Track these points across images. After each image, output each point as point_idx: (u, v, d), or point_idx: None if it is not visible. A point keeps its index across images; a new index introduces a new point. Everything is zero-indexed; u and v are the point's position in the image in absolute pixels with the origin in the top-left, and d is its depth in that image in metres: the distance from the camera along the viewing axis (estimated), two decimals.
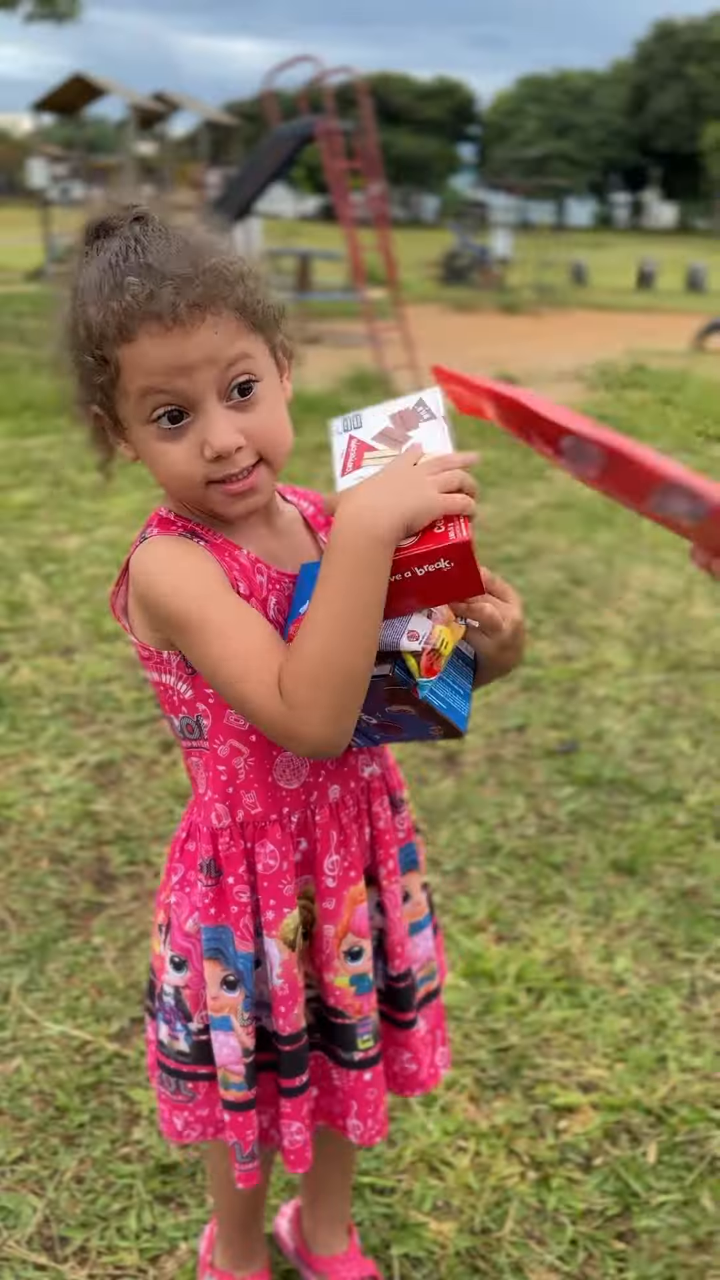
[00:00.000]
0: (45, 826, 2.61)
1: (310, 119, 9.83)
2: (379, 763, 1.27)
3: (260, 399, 1.08)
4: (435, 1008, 1.41)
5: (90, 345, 1.05)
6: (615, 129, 71.74)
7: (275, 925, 1.20)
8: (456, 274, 20.45)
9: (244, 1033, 1.23)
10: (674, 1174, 1.74)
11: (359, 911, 1.25)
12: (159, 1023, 1.31)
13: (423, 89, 78.25)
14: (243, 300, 1.05)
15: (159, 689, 1.19)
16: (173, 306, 1.01)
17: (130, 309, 1.01)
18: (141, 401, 1.05)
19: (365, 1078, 1.30)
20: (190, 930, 1.24)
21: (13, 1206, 1.66)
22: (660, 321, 14.96)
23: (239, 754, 1.16)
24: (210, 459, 1.05)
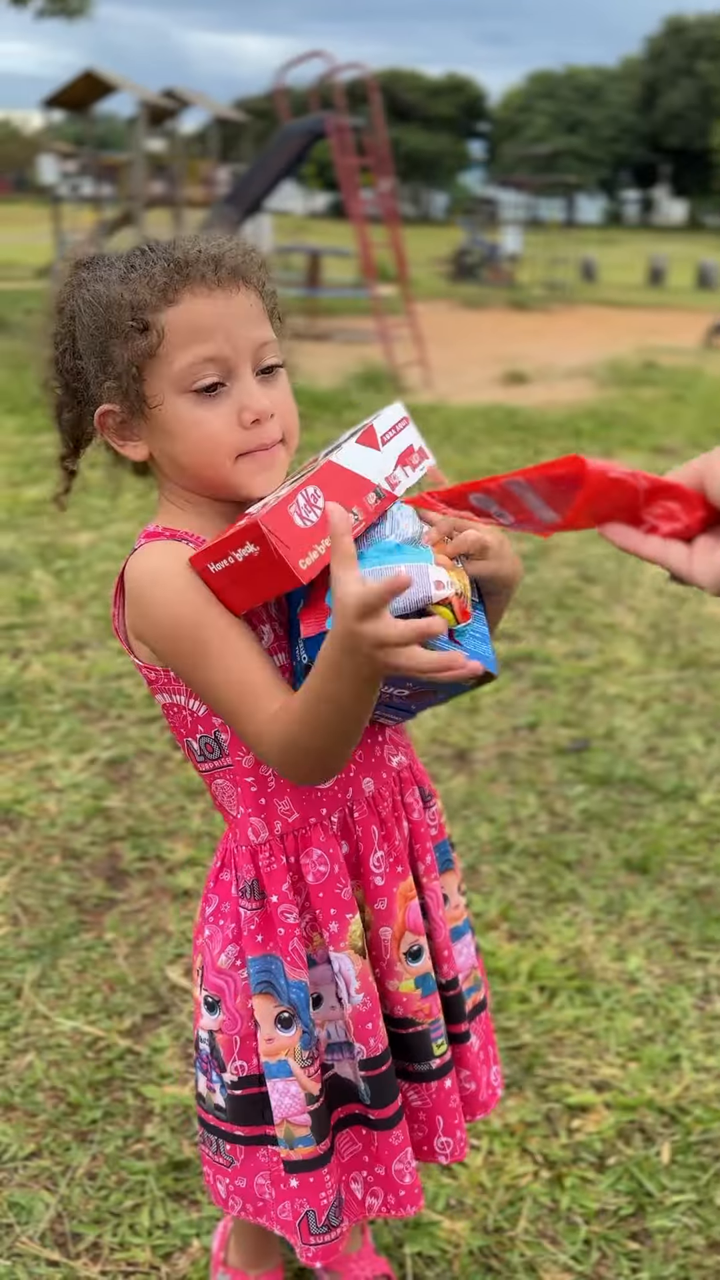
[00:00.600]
0: (57, 823, 2.61)
1: (320, 115, 9.81)
2: (404, 753, 1.25)
3: (282, 382, 1.13)
4: (484, 1022, 1.36)
5: (128, 315, 1.07)
6: (625, 125, 71.55)
7: (342, 935, 1.15)
8: (466, 271, 20.42)
9: (305, 1076, 1.15)
10: (688, 1174, 1.73)
11: (412, 909, 1.21)
12: (197, 1073, 1.25)
13: (432, 85, 78.12)
14: (264, 286, 1.13)
15: (171, 714, 1.16)
16: (215, 270, 1.07)
17: (176, 270, 1.07)
18: (187, 367, 1.07)
19: (446, 1085, 1.24)
20: (224, 965, 1.19)
21: (25, 1202, 1.66)
22: (671, 318, 14.92)
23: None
24: (248, 424, 1.07)
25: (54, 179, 18.08)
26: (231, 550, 1.01)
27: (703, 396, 8.58)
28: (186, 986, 2.09)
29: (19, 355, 8.75)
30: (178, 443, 1.09)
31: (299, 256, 14.77)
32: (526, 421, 7.32)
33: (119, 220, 15.13)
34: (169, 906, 2.32)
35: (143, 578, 1.08)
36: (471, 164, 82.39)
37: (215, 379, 1.07)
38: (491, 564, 1.12)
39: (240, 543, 1.00)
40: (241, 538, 0.99)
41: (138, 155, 14.64)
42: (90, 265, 1.13)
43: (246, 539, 0.99)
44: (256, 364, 1.10)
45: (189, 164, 18.25)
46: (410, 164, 65.33)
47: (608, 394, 8.69)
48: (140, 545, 1.11)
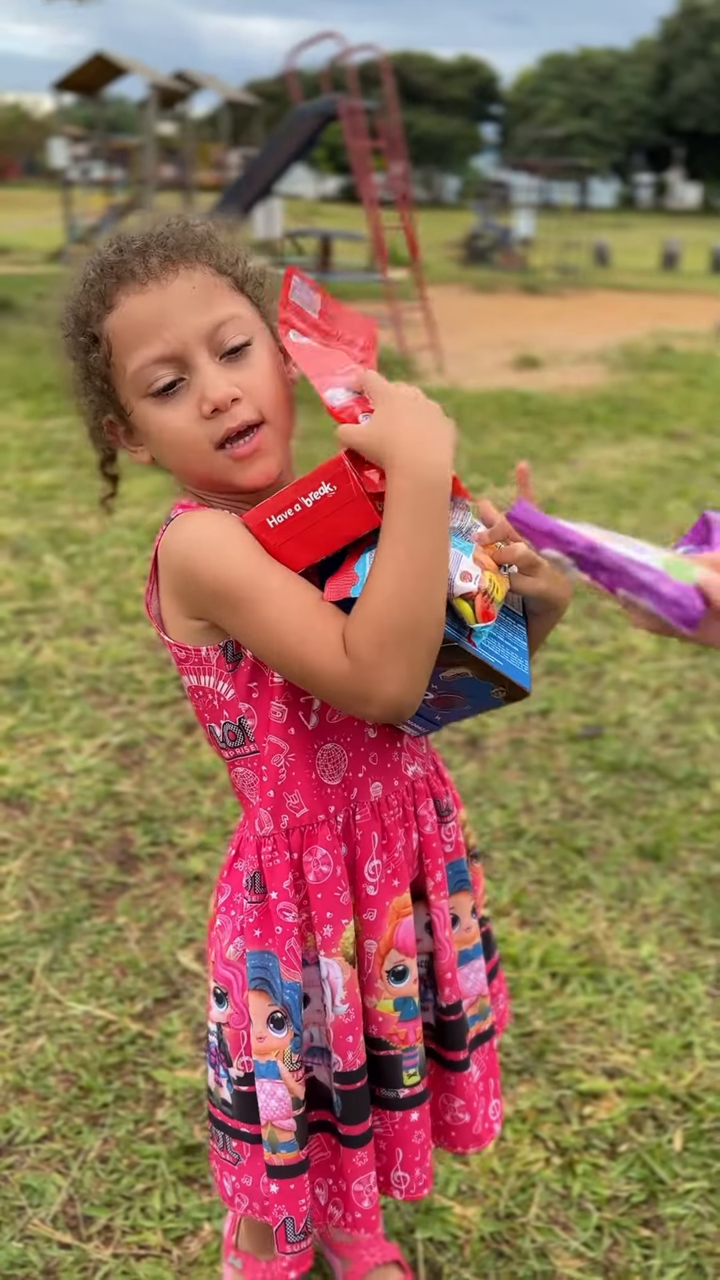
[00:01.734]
0: (69, 807, 2.61)
1: (332, 97, 9.74)
2: (422, 763, 1.20)
3: (255, 358, 1.07)
4: (488, 1053, 1.31)
5: (81, 330, 1.06)
6: (639, 108, 70.93)
7: (335, 941, 1.12)
8: (478, 255, 20.29)
9: (293, 1079, 1.13)
10: (700, 1161, 1.73)
11: (403, 926, 1.16)
12: (207, 1067, 1.23)
13: (445, 68, 77.56)
14: (218, 258, 1.07)
15: (198, 696, 1.13)
16: (143, 262, 1.03)
17: (105, 274, 1.04)
18: (137, 372, 1.04)
19: (412, 1118, 1.19)
20: (231, 957, 1.17)
21: (37, 1185, 1.66)
22: (684, 303, 14.81)
23: (279, 750, 1.11)
24: (208, 414, 1.03)
25: (64, 162, 18.00)
26: (301, 496, 0.98)
27: (717, 381, 8.51)
28: (198, 971, 2.09)
29: (30, 340, 8.74)
30: (155, 446, 1.08)
31: (311, 240, 14.69)
32: (539, 407, 7.28)
33: (129, 204, 15.08)
34: (180, 891, 2.32)
35: (189, 540, 1.04)
36: (484, 147, 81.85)
37: (170, 377, 1.04)
38: (541, 583, 1.09)
39: (315, 484, 0.98)
40: (318, 479, 0.98)
41: (148, 138, 14.58)
42: (68, 277, 1.11)
43: (323, 479, 0.97)
44: (216, 347, 1.05)
45: (200, 147, 18.20)
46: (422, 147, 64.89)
47: (621, 379, 8.64)
48: (176, 514, 1.08)
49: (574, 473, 5.71)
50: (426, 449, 0.96)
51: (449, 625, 1.01)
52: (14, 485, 5.18)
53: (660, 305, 14.45)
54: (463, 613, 1.00)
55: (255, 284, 1.11)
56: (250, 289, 1.10)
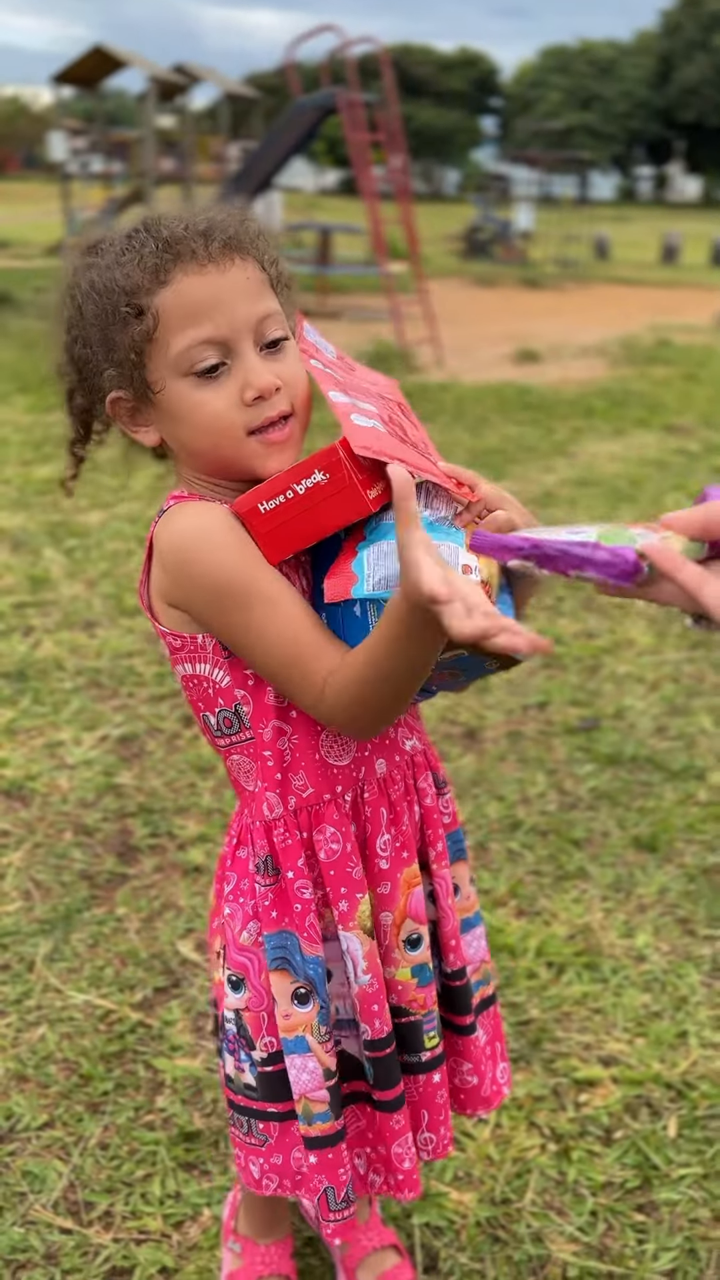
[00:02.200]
0: (69, 799, 2.63)
1: (332, 90, 9.73)
2: (418, 737, 1.24)
3: (289, 354, 1.10)
4: (492, 1017, 1.35)
5: (124, 300, 1.06)
6: (640, 101, 70.75)
7: (351, 915, 1.15)
8: (478, 248, 20.27)
9: (323, 1051, 1.16)
10: (694, 1148, 1.75)
11: (415, 895, 1.20)
12: (224, 1056, 1.24)
13: (444, 60, 77.37)
14: (264, 255, 1.09)
15: (191, 685, 1.14)
16: (206, 245, 1.04)
17: (166, 249, 1.04)
18: (185, 351, 1.05)
19: (435, 1079, 1.23)
20: (246, 943, 1.18)
21: (39, 1171, 1.68)
22: (684, 296, 14.80)
23: (283, 734, 1.13)
24: (250, 401, 1.05)
25: (63, 156, 17.96)
26: (293, 482, 1.00)
27: (716, 375, 8.51)
28: (197, 961, 2.11)
29: (30, 334, 8.74)
30: (184, 426, 1.08)
31: (310, 233, 14.68)
32: (539, 400, 7.28)
33: (129, 197, 15.07)
34: (180, 882, 2.33)
35: (183, 536, 1.05)
36: (483, 140, 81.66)
37: (215, 360, 1.05)
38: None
39: (308, 471, 0.99)
40: (311, 466, 0.99)
41: (148, 132, 14.55)
42: (94, 249, 1.11)
43: (316, 467, 0.99)
44: (259, 339, 1.07)
45: (199, 140, 18.16)
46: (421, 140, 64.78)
47: (620, 372, 8.64)
48: (170, 506, 1.09)
49: (572, 466, 5.72)
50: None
51: None
52: (14, 479, 5.19)
53: (660, 299, 14.44)
54: None
55: (285, 286, 1.13)
56: (280, 290, 1.12)
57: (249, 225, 1.09)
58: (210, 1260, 1.55)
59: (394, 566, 1.00)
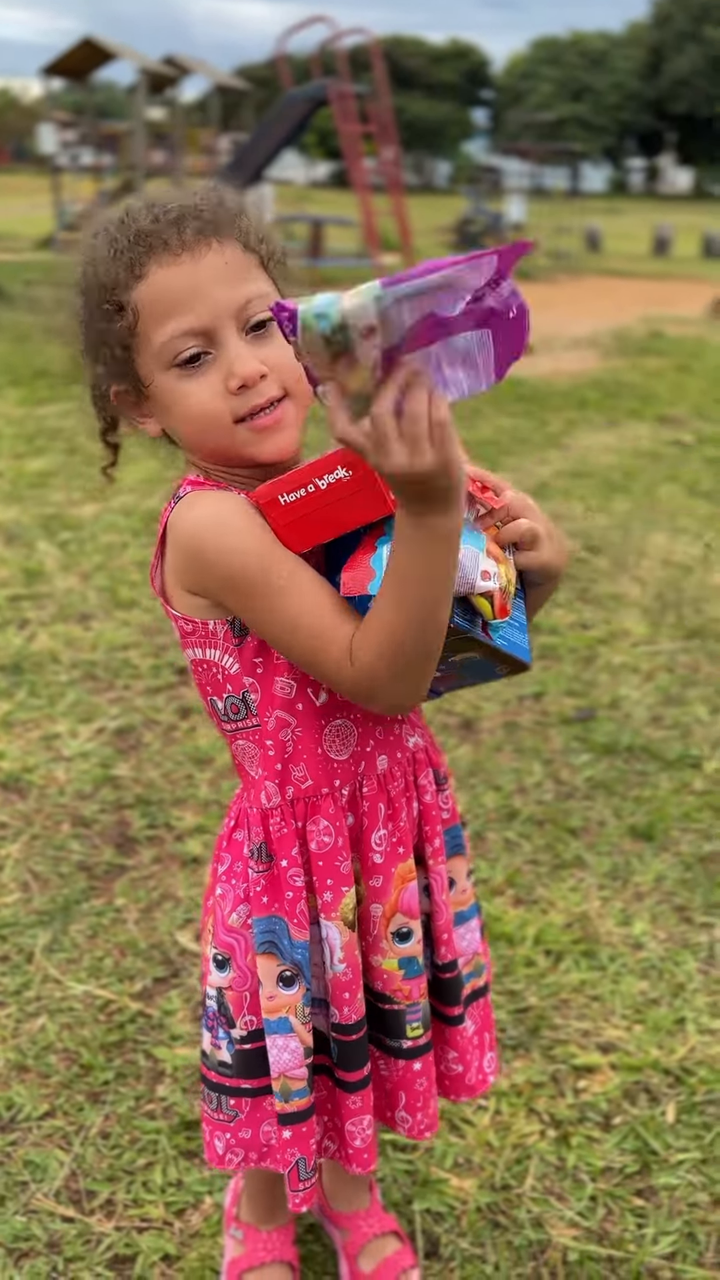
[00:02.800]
0: (66, 791, 2.63)
1: (323, 82, 9.71)
2: (421, 733, 1.24)
3: (278, 335, 1.07)
4: (482, 1008, 1.36)
5: (104, 296, 1.05)
6: (631, 92, 70.67)
7: (334, 906, 1.16)
8: (470, 240, 20.22)
9: (304, 1030, 1.17)
10: (693, 1133, 1.76)
11: (408, 890, 1.20)
12: (202, 1032, 1.26)
13: (435, 52, 77.15)
14: (247, 234, 1.07)
15: (200, 670, 1.13)
16: (178, 233, 1.03)
17: (138, 242, 1.03)
18: (165, 344, 1.04)
19: (415, 1067, 1.25)
20: (234, 924, 1.19)
21: (40, 1161, 1.68)
22: (676, 288, 14.81)
23: (286, 725, 1.13)
24: (235, 389, 1.04)
25: (53, 148, 17.90)
26: (315, 477, 0.99)
27: (709, 367, 8.53)
28: (197, 951, 2.11)
29: (20, 327, 8.70)
30: (174, 418, 1.08)
31: (301, 226, 14.65)
32: (532, 392, 7.29)
33: (119, 190, 15.00)
34: (178, 873, 2.34)
35: (200, 524, 1.04)
36: (475, 132, 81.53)
37: (196, 349, 1.04)
38: (543, 555, 1.11)
39: (330, 467, 0.98)
40: (334, 462, 0.98)
41: (138, 124, 14.50)
42: (85, 246, 1.10)
43: (340, 463, 0.97)
44: (243, 322, 1.05)
45: (190, 133, 18.09)
46: (412, 132, 64.59)
47: (613, 364, 8.64)
48: (185, 492, 1.08)
49: (566, 458, 5.73)
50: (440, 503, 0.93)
51: (463, 618, 1.02)
52: (7, 472, 5.18)
53: (652, 290, 14.45)
54: (481, 610, 1.01)
55: (278, 263, 1.11)
56: (273, 267, 1.10)
57: (226, 205, 1.07)
58: (213, 1247, 1.56)
59: None
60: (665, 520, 4.75)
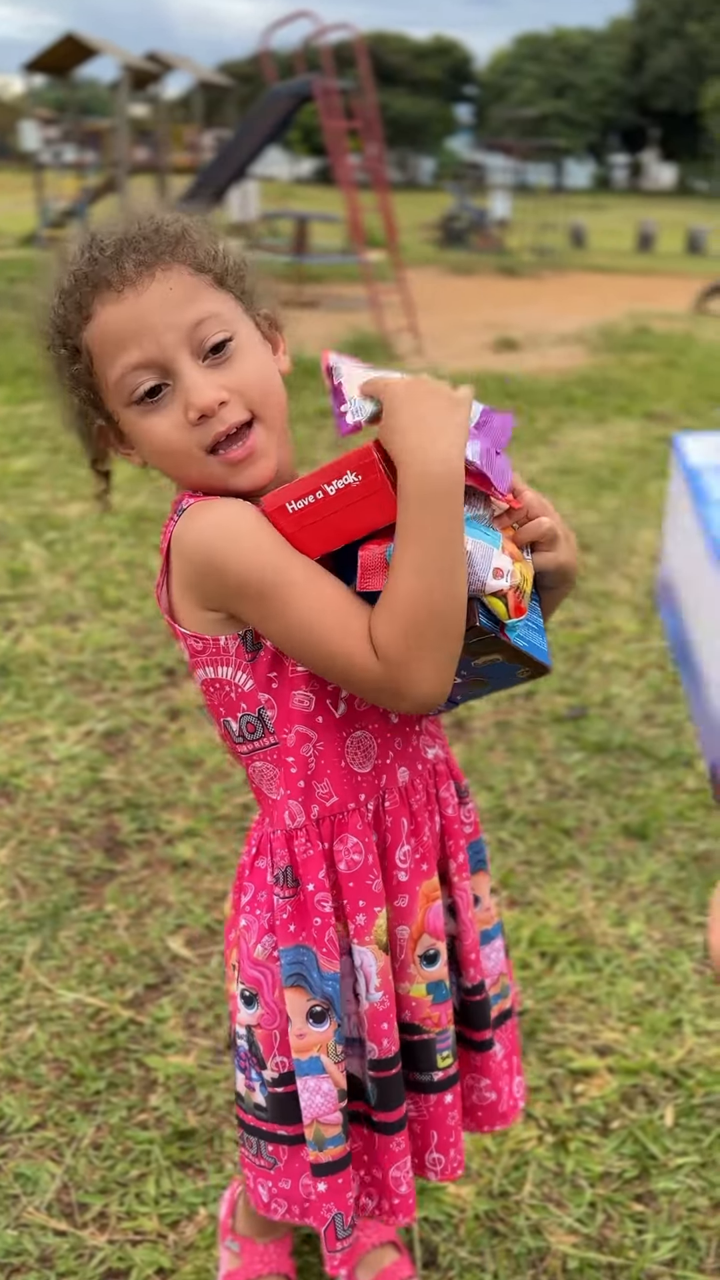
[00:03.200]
0: (54, 795, 2.60)
1: (308, 77, 9.66)
2: (440, 746, 1.21)
3: (239, 354, 1.04)
4: (510, 1030, 1.31)
5: (60, 341, 1.04)
6: (614, 88, 70.73)
7: (367, 929, 1.11)
8: (454, 236, 20.22)
9: (338, 1071, 1.12)
10: (691, 1137, 1.74)
11: (433, 910, 1.16)
12: (235, 1073, 1.20)
13: (419, 48, 77.04)
14: (196, 256, 1.03)
15: (212, 690, 1.09)
16: (118, 269, 1.00)
17: (80, 283, 1.01)
18: (119, 381, 1.02)
19: (446, 1100, 1.19)
20: (260, 957, 1.14)
21: (31, 1173, 1.65)
22: (661, 284, 14.82)
23: (307, 740, 1.09)
24: (195, 421, 1.01)
25: (36, 145, 17.79)
26: (324, 483, 0.97)
27: (695, 362, 8.52)
28: (188, 957, 2.09)
29: (3, 325, 8.63)
30: (145, 453, 1.06)
31: (286, 222, 14.60)
32: (519, 388, 7.27)
33: (102, 187, 14.92)
34: (168, 878, 2.31)
35: (206, 531, 1.00)
36: (458, 128, 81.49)
37: (152, 383, 1.01)
38: (561, 555, 1.09)
39: (340, 472, 0.96)
40: (343, 467, 0.96)
41: (121, 121, 14.41)
42: (43, 283, 1.07)
43: (349, 468, 0.96)
44: (198, 348, 1.01)
45: (173, 129, 18.00)
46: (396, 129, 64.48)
47: (600, 360, 8.63)
48: (188, 504, 1.04)
49: (554, 454, 5.71)
50: (433, 439, 0.94)
51: (485, 619, 1.00)
52: None
53: (637, 286, 14.45)
54: (496, 610, 0.99)
55: (236, 277, 1.07)
56: (231, 283, 1.07)
57: (165, 232, 1.02)
58: (208, 1260, 1.53)
59: None
60: (654, 517, 4.74)
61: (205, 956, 2.09)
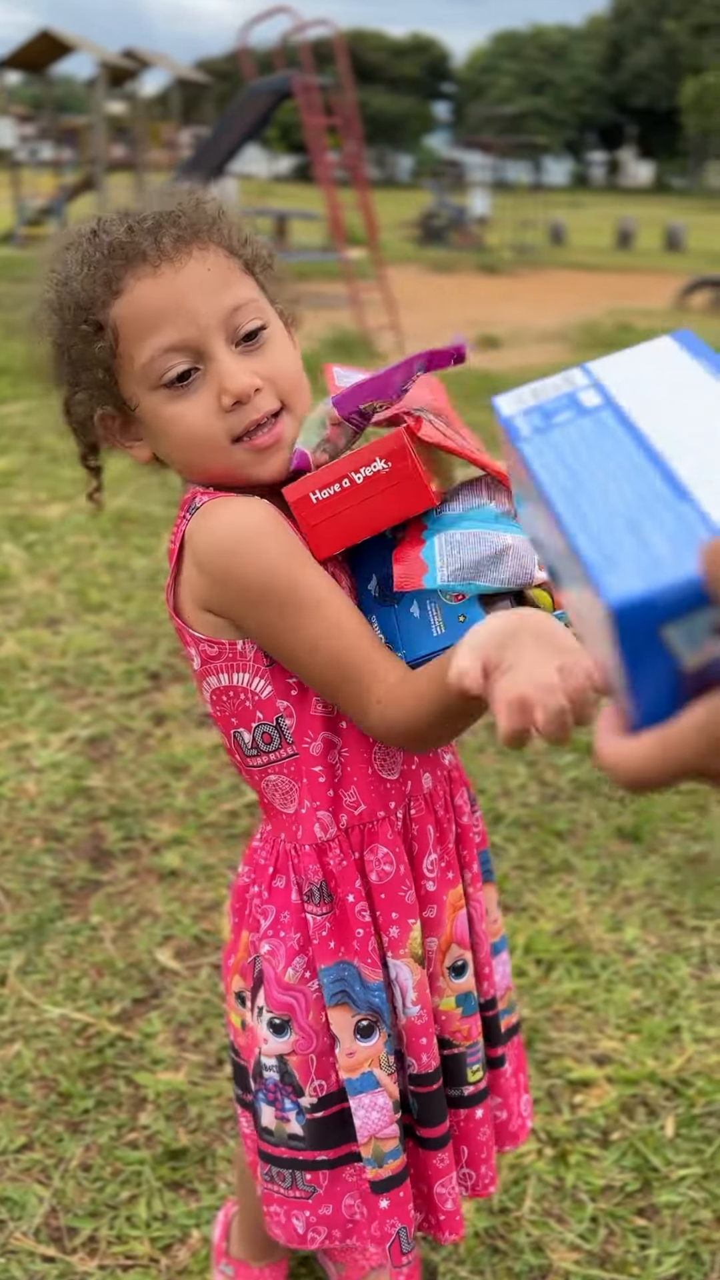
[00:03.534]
0: (37, 803, 2.54)
1: (287, 73, 9.61)
2: (451, 752, 1.17)
3: (270, 343, 1.00)
4: (516, 1045, 1.27)
5: (81, 316, 0.97)
6: (591, 86, 70.96)
7: (402, 942, 1.07)
8: (434, 234, 20.21)
9: (391, 1083, 1.08)
10: (693, 1147, 1.71)
11: (460, 919, 1.12)
12: (260, 1107, 1.12)
13: (396, 45, 77.05)
14: (229, 238, 0.99)
15: (225, 699, 1.03)
16: (156, 242, 0.95)
17: (113, 255, 0.95)
18: (149, 363, 0.96)
19: (477, 1115, 1.16)
20: (291, 981, 1.08)
21: (18, 1197, 1.61)
22: (641, 281, 14.85)
23: (333, 747, 1.04)
24: (229, 407, 0.96)
25: (12, 143, 17.66)
26: (350, 471, 0.93)
27: None
28: (177, 969, 2.04)
29: None
30: (166, 442, 1.00)
31: (266, 220, 14.54)
32: (502, 386, 7.24)
33: (80, 185, 14.82)
34: (155, 887, 2.26)
35: (226, 535, 0.95)
36: (436, 126, 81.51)
37: (184, 367, 0.96)
38: None
39: (368, 459, 0.92)
40: (371, 453, 0.92)
41: (97, 118, 14.31)
42: (56, 259, 1.01)
43: (377, 454, 0.92)
44: (232, 334, 0.97)
45: (150, 127, 17.90)
46: (374, 126, 64.41)
47: (583, 357, 8.61)
48: (201, 502, 0.99)
49: None
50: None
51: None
52: None
53: (617, 284, 14.47)
54: (541, 603, 0.96)
55: (264, 266, 1.03)
56: (259, 271, 1.02)
57: (205, 208, 0.99)
58: None
59: (469, 557, 0.93)
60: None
61: (194, 969, 2.05)
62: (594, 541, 0.48)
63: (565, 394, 0.58)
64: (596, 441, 0.54)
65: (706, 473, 0.49)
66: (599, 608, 0.47)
